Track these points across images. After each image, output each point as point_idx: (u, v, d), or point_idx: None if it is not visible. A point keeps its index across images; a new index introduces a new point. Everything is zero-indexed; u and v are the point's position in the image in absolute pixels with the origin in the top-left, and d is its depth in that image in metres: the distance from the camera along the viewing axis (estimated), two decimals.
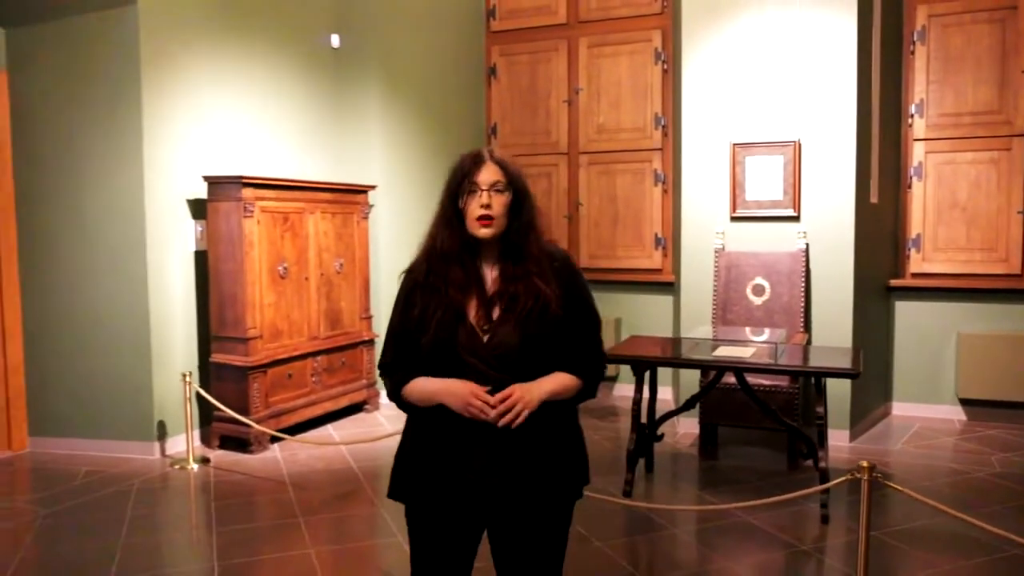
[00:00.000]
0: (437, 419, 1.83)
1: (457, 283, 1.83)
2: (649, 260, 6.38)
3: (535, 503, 1.85)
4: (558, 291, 1.84)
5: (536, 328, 1.81)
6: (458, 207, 1.85)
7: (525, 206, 1.87)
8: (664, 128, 6.26)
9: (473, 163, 1.86)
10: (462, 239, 1.85)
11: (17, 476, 4.57)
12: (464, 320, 1.81)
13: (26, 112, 4.87)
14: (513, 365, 1.80)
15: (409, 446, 1.92)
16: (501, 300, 1.82)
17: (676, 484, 4.45)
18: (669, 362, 4.28)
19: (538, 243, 1.88)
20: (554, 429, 1.87)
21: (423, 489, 1.86)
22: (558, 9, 6.61)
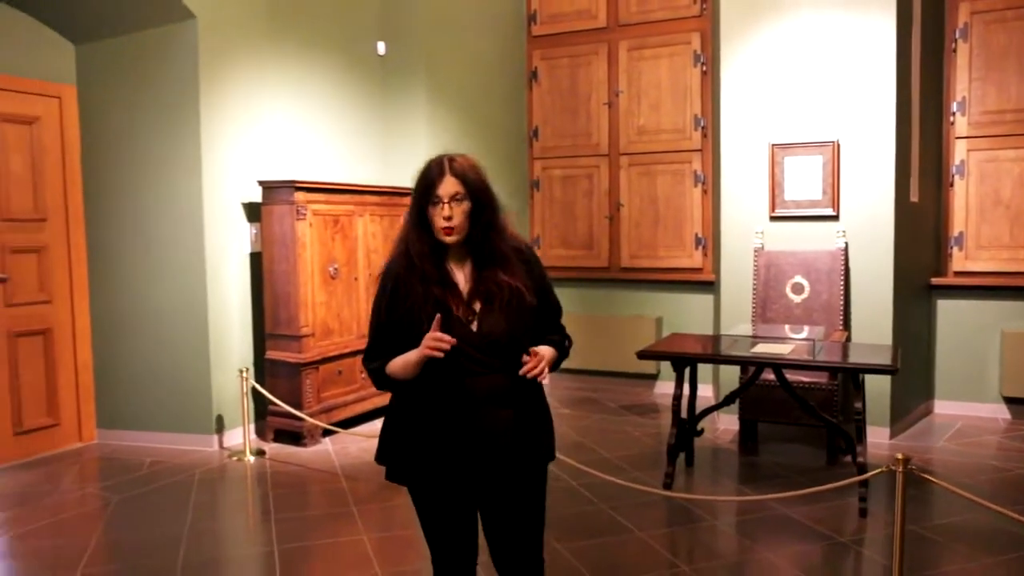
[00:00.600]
0: (425, 403, 2.04)
1: (435, 280, 2.02)
2: (690, 260, 6.47)
3: (518, 472, 2.08)
4: (528, 282, 2.07)
5: (517, 317, 2.04)
6: (425, 215, 2.04)
7: (485, 210, 2.04)
8: (704, 129, 6.34)
9: (436, 175, 2.02)
10: (431, 243, 2.05)
11: (87, 465, 4.84)
12: (451, 313, 2.00)
13: (94, 124, 5.14)
14: (501, 350, 2.02)
15: (399, 430, 2.12)
16: (479, 295, 2.03)
17: (716, 478, 4.54)
18: (708, 358, 4.37)
19: (501, 240, 2.08)
20: (527, 407, 2.10)
21: (420, 470, 2.07)
22: (598, 13, 6.73)
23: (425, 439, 2.04)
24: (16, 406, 4.85)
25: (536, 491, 2.16)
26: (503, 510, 2.12)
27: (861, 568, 3.39)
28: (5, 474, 4.65)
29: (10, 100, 4.79)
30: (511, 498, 2.11)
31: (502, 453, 2.03)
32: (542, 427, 2.16)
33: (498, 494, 2.10)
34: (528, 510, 2.14)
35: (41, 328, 4.98)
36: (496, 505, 2.11)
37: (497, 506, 2.11)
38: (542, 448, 2.14)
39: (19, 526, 3.87)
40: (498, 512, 2.12)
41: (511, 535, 2.13)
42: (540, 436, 2.14)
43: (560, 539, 3.58)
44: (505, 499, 2.10)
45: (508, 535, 2.13)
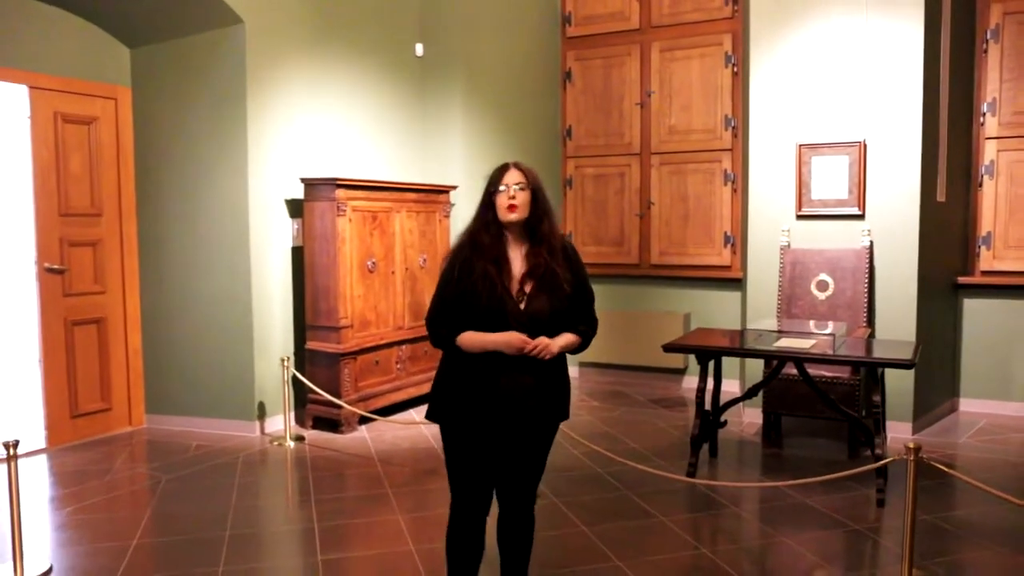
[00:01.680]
0: (480, 364, 2.47)
1: (492, 257, 2.46)
2: (718, 257, 6.57)
3: (535, 424, 2.54)
4: (568, 275, 2.50)
5: (558, 302, 2.48)
6: (492, 203, 2.50)
7: (540, 200, 2.52)
8: (734, 129, 6.44)
9: (502, 171, 2.52)
10: (497, 227, 2.50)
11: (137, 448, 5.11)
12: (508, 292, 2.45)
13: (146, 124, 5.41)
14: (542, 327, 2.47)
15: (450, 380, 2.55)
16: (531, 278, 2.47)
17: (739, 469, 4.66)
18: (731, 351, 4.49)
19: (551, 226, 2.52)
20: (554, 372, 2.54)
21: (463, 414, 2.50)
22: (631, 15, 6.86)
23: (464, 390, 2.49)
24: (73, 391, 5.13)
25: (545, 442, 2.61)
26: (516, 454, 2.55)
27: (877, 555, 3.49)
28: (63, 454, 4.94)
29: (70, 101, 5.07)
30: (524, 446, 2.55)
31: (524, 408, 2.48)
32: (559, 392, 2.58)
33: (515, 442, 2.54)
34: (535, 456, 2.60)
35: (96, 317, 5.26)
36: (511, 449, 2.55)
37: (512, 450, 2.55)
38: (556, 409, 2.58)
39: (78, 500, 4.14)
40: (511, 454, 2.55)
41: (517, 474, 2.58)
42: (556, 399, 2.57)
43: (588, 523, 3.74)
44: (519, 446, 2.55)
45: (515, 474, 2.58)
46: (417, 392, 5.91)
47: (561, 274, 2.46)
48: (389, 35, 6.30)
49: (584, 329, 2.57)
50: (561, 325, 2.50)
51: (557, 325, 2.49)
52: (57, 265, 5.03)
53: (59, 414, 5.08)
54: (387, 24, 6.28)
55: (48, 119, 4.97)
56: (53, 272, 5.01)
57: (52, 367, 5.04)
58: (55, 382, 5.05)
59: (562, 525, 3.75)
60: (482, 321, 2.45)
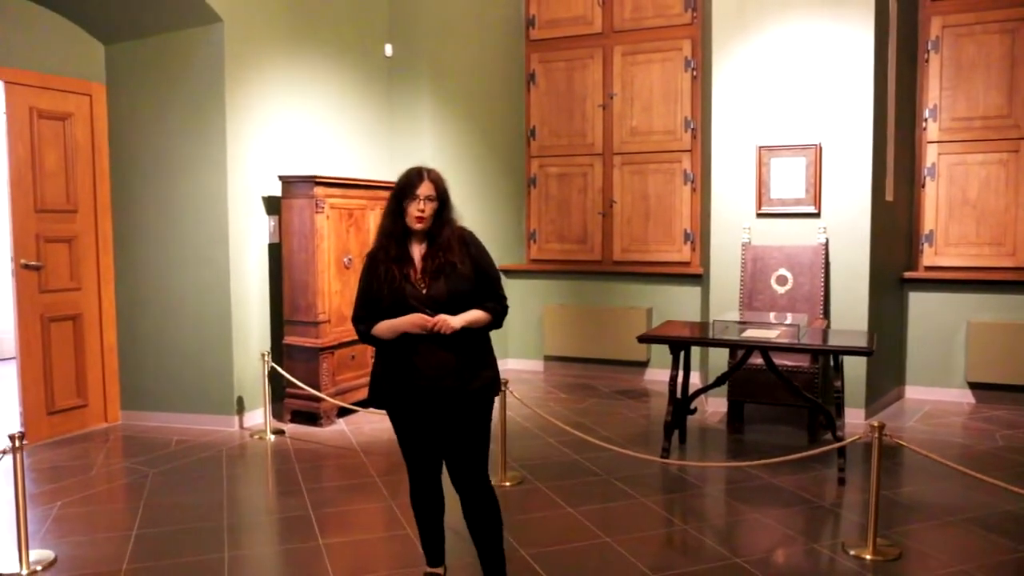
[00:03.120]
0: (397, 349, 2.74)
1: (397, 257, 2.73)
2: (679, 254, 6.86)
3: (466, 397, 2.75)
4: (466, 258, 2.76)
5: (455, 284, 2.73)
6: (401, 206, 2.73)
7: (445, 210, 2.77)
8: (693, 131, 6.73)
9: (417, 179, 2.73)
10: (402, 228, 2.74)
11: (115, 444, 5.12)
12: (409, 280, 2.72)
13: (122, 121, 5.42)
14: (444, 307, 2.71)
15: (380, 370, 2.82)
16: (430, 268, 2.73)
17: (706, 453, 4.93)
18: (704, 342, 4.75)
19: (449, 230, 2.76)
20: (474, 350, 2.78)
21: (393, 396, 2.78)
22: (594, 19, 7.09)
23: (393, 373, 2.76)
24: (49, 387, 5.13)
25: (478, 417, 2.80)
26: (452, 429, 2.77)
27: (840, 527, 3.78)
28: (40, 451, 4.93)
29: (46, 97, 5.06)
30: (457, 421, 2.76)
31: (447, 382, 2.72)
32: (478, 367, 2.79)
33: (446, 417, 2.76)
34: (472, 431, 2.78)
35: (71, 314, 5.26)
36: (446, 425, 2.77)
37: (446, 426, 2.77)
38: (479, 384, 2.78)
39: (68, 495, 4.17)
40: (450, 432, 2.78)
41: (459, 450, 2.78)
42: (476, 374, 2.77)
43: (572, 504, 3.95)
44: (452, 421, 2.76)
45: (456, 452, 2.79)
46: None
47: (457, 260, 2.72)
48: (360, 36, 6.41)
49: (492, 306, 2.80)
50: (465, 305, 2.74)
51: (461, 305, 2.73)
52: (33, 261, 5.01)
53: (35, 411, 5.06)
54: (358, 25, 6.39)
55: (24, 115, 4.95)
56: (29, 268, 5.00)
57: (28, 364, 5.03)
58: (31, 379, 5.04)
59: (549, 507, 3.94)
60: (392, 312, 2.71)
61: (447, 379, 2.71)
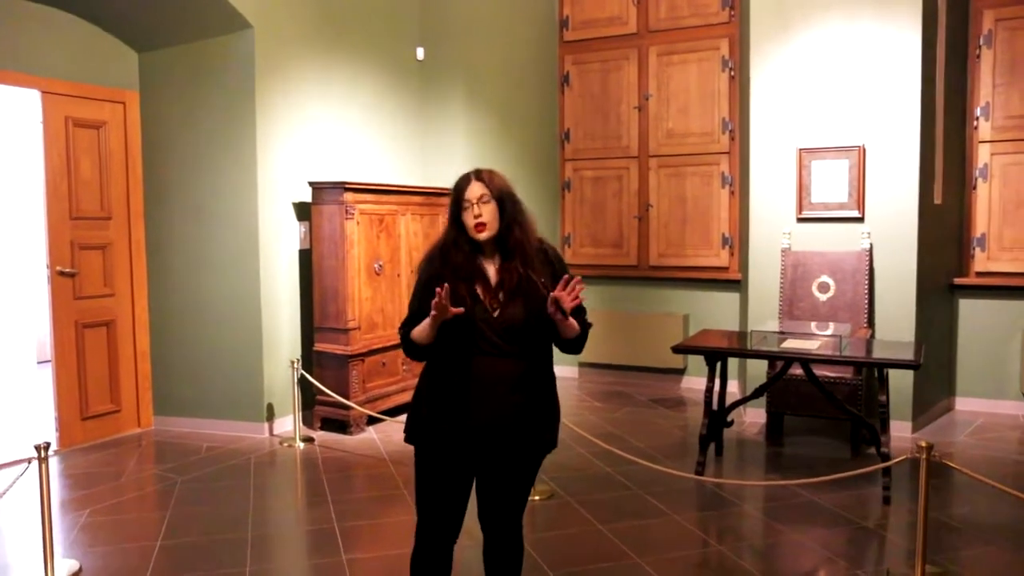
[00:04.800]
0: (446, 377, 2.30)
1: (465, 274, 2.29)
2: (716, 259, 6.68)
3: (518, 453, 2.34)
4: (549, 279, 2.31)
5: (534, 307, 2.28)
6: (460, 220, 2.32)
7: (508, 209, 2.32)
8: (731, 132, 6.55)
9: (463, 185, 2.33)
10: (468, 241, 2.32)
11: (147, 449, 5.14)
12: (478, 300, 2.27)
13: (155, 128, 5.44)
14: (518, 335, 2.29)
15: (422, 400, 2.37)
16: (505, 287, 2.29)
17: (744, 467, 4.77)
18: (741, 353, 4.59)
19: (525, 235, 2.33)
20: (540, 394, 2.35)
21: (433, 436, 2.32)
22: (629, 19, 6.94)
23: (439, 408, 2.31)
24: (83, 393, 5.16)
25: (529, 473, 2.41)
26: (496, 485, 2.37)
27: (885, 551, 3.60)
28: (74, 455, 4.96)
29: (81, 106, 5.09)
30: (506, 477, 2.35)
31: (505, 434, 2.28)
32: (548, 417, 2.38)
33: (494, 471, 2.35)
34: (518, 488, 2.40)
35: (105, 320, 5.29)
36: (490, 479, 2.37)
37: (491, 480, 2.37)
38: (544, 437, 2.37)
39: (98, 502, 4.18)
40: (491, 485, 2.37)
41: (499, 505, 2.39)
42: (544, 425, 2.36)
43: (603, 521, 3.83)
44: (500, 476, 2.35)
45: (496, 505, 2.39)
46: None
47: (537, 279, 2.29)
48: (391, 40, 6.37)
49: (584, 320, 2.38)
50: (544, 335, 2.32)
51: (539, 334, 2.31)
52: (68, 268, 5.05)
53: (70, 416, 5.10)
54: (389, 29, 6.35)
55: (59, 124, 4.99)
56: (64, 275, 5.04)
57: (63, 369, 5.06)
58: (66, 384, 5.08)
59: (578, 523, 3.83)
60: (456, 335, 2.27)
61: (506, 425, 2.27)
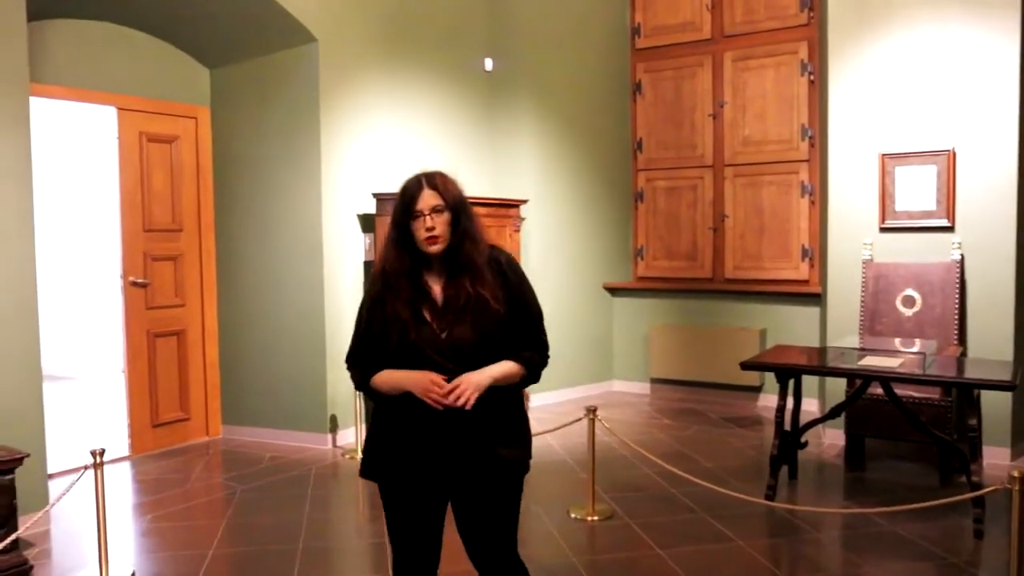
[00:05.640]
0: (402, 406, 2.09)
1: (409, 294, 2.10)
2: (795, 271, 6.38)
3: (488, 476, 2.11)
4: (500, 291, 2.12)
5: (485, 325, 2.09)
6: (406, 230, 2.11)
7: (462, 220, 2.12)
8: (811, 139, 6.25)
9: (414, 189, 2.11)
10: (412, 256, 2.12)
11: (213, 459, 5.21)
12: (424, 322, 2.09)
13: (225, 142, 5.56)
14: (467, 357, 2.08)
15: (378, 430, 2.18)
16: (453, 304, 2.09)
17: (820, 492, 4.48)
18: (813, 370, 4.32)
19: (476, 248, 2.13)
20: (501, 411, 2.13)
21: (392, 468, 2.13)
22: (702, 25, 6.74)
23: (396, 439, 2.12)
24: (154, 401, 5.28)
25: (504, 500, 2.17)
26: (471, 514, 2.16)
27: None
28: (144, 462, 5.07)
29: (155, 122, 5.24)
30: (478, 503, 2.14)
31: (466, 459, 2.08)
32: (513, 435, 2.17)
33: (465, 498, 2.15)
34: (497, 512, 2.17)
35: (176, 329, 5.40)
36: (464, 509, 2.16)
37: (465, 510, 2.16)
38: (511, 457, 2.15)
39: (158, 509, 4.24)
40: (466, 515, 2.16)
41: (479, 538, 2.17)
42: (508, 444, 2.15)
43: (663, 545, 3.64)
44: (472, 503, 2.14)
45: (476, 538, 2.17)
46: None
47: (489, 293, 2.09)
48: (458, 50, 6.34)
49: (529, 356, 2.15)
50: (496, 353, 2.11)
51: (490, 353, 2.10)
52: (141, 279, 5.18)
53: (141, 423, 5.22)
54: (456, 40, 6.32)
55: (134, 139, 5.14)
56: (137, 285, 5.17)
57: (135, 377, 5.19)
58: (138, 392, 5.20)
59: (636, 547, 3.65)
60: (399, 358, 2.09)
61: (461, 454, 2.08)
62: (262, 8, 4.94)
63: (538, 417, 6.07)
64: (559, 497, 4.33)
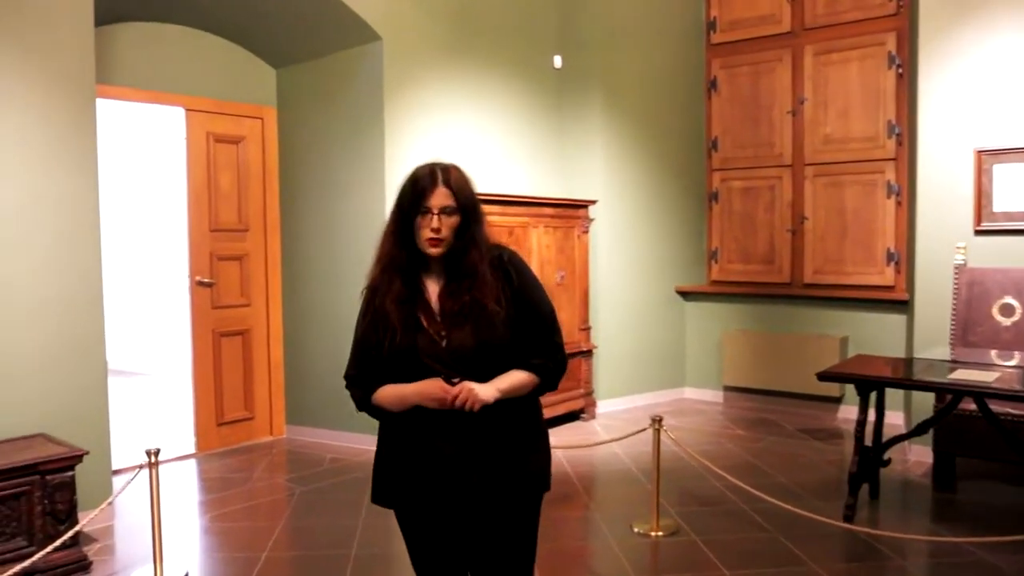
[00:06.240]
0: (409, 423, 1.93)
1: (404, 296, 1.92)
2: (880, 276, 6.02)
3: (502, 496, 1.94)
4: (502, 293, 1.93)
5: (487, 330, 1.91)
6: (408, 224, 1.92)
7: (472, 226, 1.94)
8: (899, 136, 5.89)
9: (428, 182, 1.91)
10: (411, 254, 1.94)
11: (276, 458, 5.21)
12: (421, 329, 1.91)
13: (290, 142, 5.57)
14: (469, 365, 1.90)
15: (384, 452, 2.02)
16: (451, 309, 1.92)
17: (904, 514, 4.16)
18: (897, 383, 4.02)
19: (480, 254, 1.94)
20: (515, 423, 1.96)
21: (404, 492, 1.97)
22: (782, 18, 6.44)
23: (406, 460, 1.96)
24: (219, 399, 5.32)
25: (520, 522, 2.00)
26: (483, 537, 1.99)
27: None
28: (209, 460, 5.11)
29: (222, 122, 5.29)
30: (492, 523, 1.98)
31: (472, 478, 1.91)
32: (527, 449, 1.99)
33: (478, 519, 1.98)
34: (513, 542, 2.00)
35: (241, 329, 5.44)
36: (478, 530, 1.99)
37: (479, 531, 1.99)
38: (526, 474, 1.97)
39: (219, 508, 4.24)
40: (481, 537, 2.00)
41: (497, 565, 2.00)
42: (523, 459, 1.97)
43: (730, 566, 3.42)
44: (486, 525, 1.98)
45: (490, 563, 2.00)
46: (552, 413, 5.71)
47: (489, 297, 1.91)
48: (527, 48, 6.21)
49: (540, 362, 1.96)
50: (502, 360, 1.94)
51: (495, 361, 1.93)
52: (207, 279, 5.23)
53: (206, 421, 5.27)
54: (525, 37, 6.20)
55: (201, 139, 5.20)
56: (203, 285, 5.22)
57: (200, 376, 5.24)
58: (203, 391, 5.25)
59: (701, 567, 3.44)
60: (396, 371, 1.92)
61: (475, 471, 1.91)
62: (327, 7, 4.92)
63: (604, 424, 5.91)
64: (622, 509, 4.15)
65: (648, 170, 6.68)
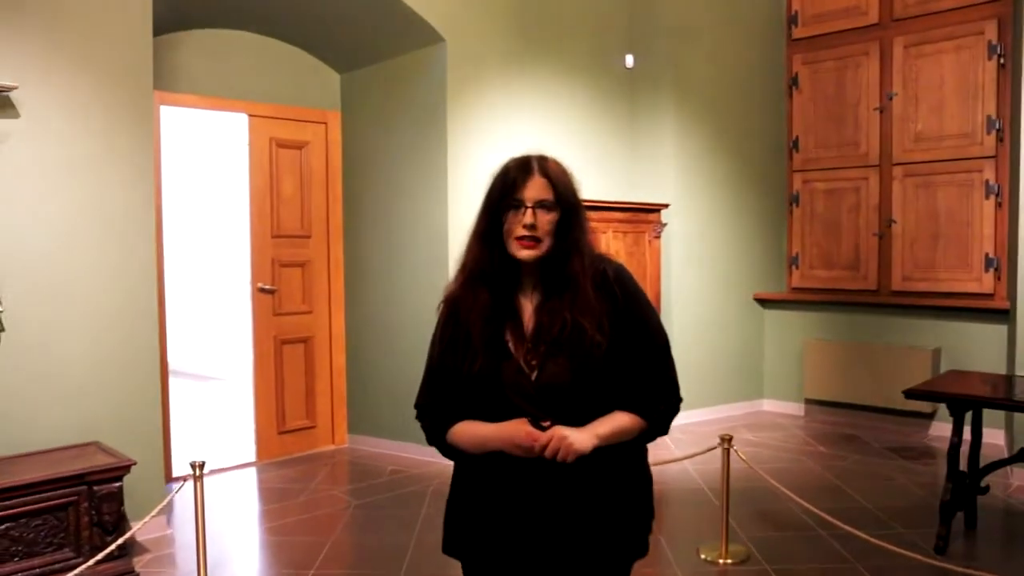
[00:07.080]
0: (486, 471, 1.64)
1: (489, 312, 1.62)
2: (977, 284, 5.56)
3: (591, 563, 1.63)
4: (606, 318, 1.60)
5: (586, 363, 1.58)
6: (498, 223, 1.63)
7: (574, 227, 1.63)
8: (999, 132, 5.43)
9: (519, 174, 1.63)
10: (500, 260, 1.64)
11: (337, 468, 5.14)
12: (508, 355, 1.61)
13: (354, 147, 5.51)
14: (562, 404, 1.58)
15: (457, 499, 1.74)
16: (543, 335, 1.60)
17: (1007, 549, 3.77)
18: (996, 403, 3.65)
19: (583, 265, 1.62)
20: (615, 481, 1.64)
21: (477, 546, 1.69)
22: (869, 9, 6.05)
23: (478, 510, 1.68)
24: (280, 407, 5.29)
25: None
26: None
27: None
28: (269, 469, 5.08)
29: (286, 128, 5.27)
30: None
31: (566, 534, 1.60)
32: (627, 511, 1.66)
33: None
34: None
35: (303, 336, 5.40)
36: None
37: None
38: (622, 540, 1.65)
39: (272, 520, 4.19)
40: None
41: None
42: (621, 523, 1.65)
43: None
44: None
45: None
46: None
47: (588, 321, 1.58)
48: (596, 47, 6.01)
49: (650, 404, 1.64)
50: (602, 400, 1.61)
51: (591, 399, 1.60)
52: (269, 285, 5.21)
53: (267, 429, 5.25)
54: (594, 36, 5.99)
55: (264, 145, 5.18)
56: (265, 292, 5.21)
57: (262, 383, 5.22)
58: (264, 398, 5.23)
59: None
60: (475, 403, 1.63)
61: (563, 534, 1.60)
62: (390, 9, 4.84)
63: (676, 439, 5.64)
64: (690, 532, 3.90)
65: (724, 172, 6.38)
